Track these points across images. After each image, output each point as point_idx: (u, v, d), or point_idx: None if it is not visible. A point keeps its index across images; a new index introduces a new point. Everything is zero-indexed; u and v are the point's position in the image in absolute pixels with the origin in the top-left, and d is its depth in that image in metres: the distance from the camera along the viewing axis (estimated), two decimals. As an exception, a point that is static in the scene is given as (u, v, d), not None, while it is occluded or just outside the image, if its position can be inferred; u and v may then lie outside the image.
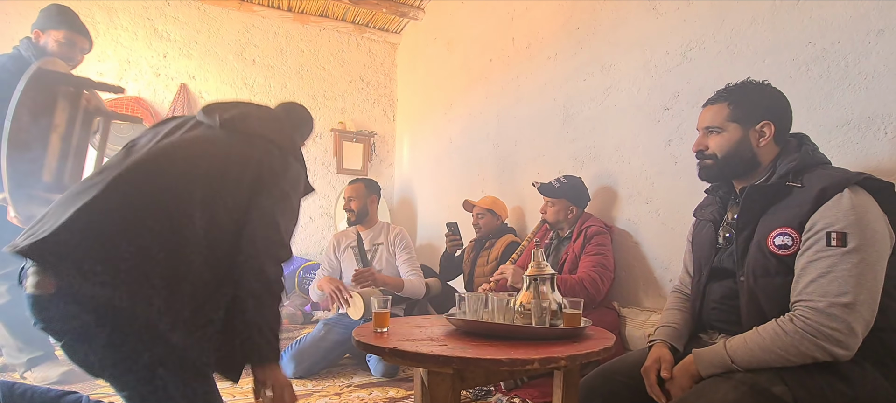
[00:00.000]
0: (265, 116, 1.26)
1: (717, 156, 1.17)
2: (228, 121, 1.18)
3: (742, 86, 1.18)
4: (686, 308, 1.29)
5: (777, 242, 1.02)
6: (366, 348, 1.17)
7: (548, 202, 2.21)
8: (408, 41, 4.56)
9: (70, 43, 2.19)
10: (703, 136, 1.21)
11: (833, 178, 0.99)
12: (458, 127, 3.60)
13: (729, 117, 1.16)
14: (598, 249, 2.02)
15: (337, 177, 4.40)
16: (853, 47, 1.42)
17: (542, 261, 1.30)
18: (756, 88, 1.17)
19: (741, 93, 1.17)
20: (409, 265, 2.65)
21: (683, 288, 1.34)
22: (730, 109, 1.16)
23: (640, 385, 1.17)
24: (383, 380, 2.22)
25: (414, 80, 4.38)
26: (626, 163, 2.20)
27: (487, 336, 1.20)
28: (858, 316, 0.91)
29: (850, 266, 0.92)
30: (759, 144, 1.14)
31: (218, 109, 1.21)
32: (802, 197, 1.01)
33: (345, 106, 4.48)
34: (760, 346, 0.97)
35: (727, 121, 1.16)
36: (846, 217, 0.94)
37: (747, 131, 1.14)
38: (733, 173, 1.18)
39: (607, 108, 2.30)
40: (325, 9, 4.25)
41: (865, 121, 1.39)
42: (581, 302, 1.24)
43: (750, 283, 1.06)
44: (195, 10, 3.97)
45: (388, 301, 1.33)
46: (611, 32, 2.29)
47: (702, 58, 1.87)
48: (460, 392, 1.09)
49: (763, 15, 1.66)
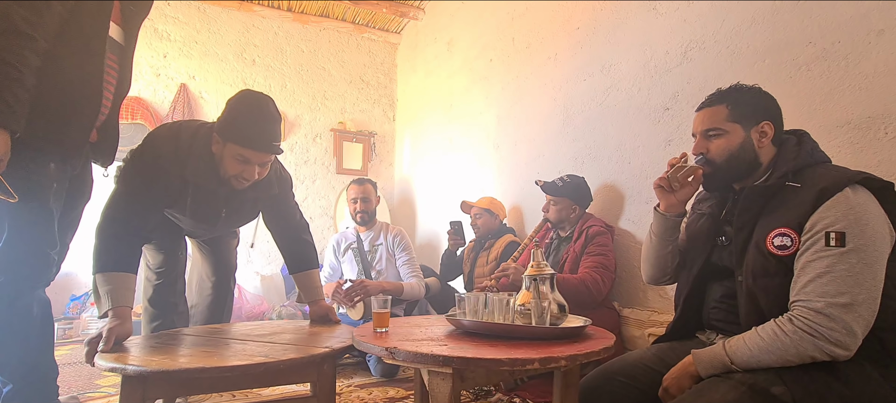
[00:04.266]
0: None
1: (719, 162, 1.15)
2: None
3: (735, 88, 1.17)
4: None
5: (776, 243, 1.01)
6: (366, 348, 1.17)
7: (550, 200, 2.21)
8: (408, 41, 4.56)
9: None
10: (702, 140, 1.18)
11: (833, 178, 0.99)
12: (458, 127, 3.60)
13: (729, 118, 1.14)
14: (600, 249, 2.02)
15: (337, 177, 4.40)
16: (853, 47, 1.42)
17: (542, 261, 1.30)
18: (749, 89, 1.16)
19: (736, 93, 1.16)
20: (409, 266, 2.65)
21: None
22: (729, 110, 1.14)
23: (640, 386, 1.17)
24: (383, 380, 2.22)
25: (414, 80, 4.39)
26: (627, 163, 2.20)
27: (487, 336, 1.20)
28: (857, 317, 0.91)
29: (849, 266, 0.92)
30: (761, 145, 1.13)
31: None
32: (802, 197, 1.01)
33: (345, 106, 4.48)
34: (759, 347, 0.96)
35: (728, 122, 1.14)
36: (846, 217, 0.94)
37: (749, 132, 1.13)
38: (735, 177, 1.16)
39: (607, 108, 2.30)
40: (325, 9, 4.25)
41: (866, 121, 1.39)
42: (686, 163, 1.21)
43: (748, 283, 1.06)
44: (195, 10, 3.97)
45: (388, 301, 1.33)
46: (611, 32, 2.29)
47: (702, 58, 1.87)
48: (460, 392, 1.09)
49: (763, 15, 1.66)
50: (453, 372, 1.03)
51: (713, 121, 1.16)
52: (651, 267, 1.34)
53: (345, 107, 4.48)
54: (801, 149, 1.09)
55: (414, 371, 1.48)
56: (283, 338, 1.39)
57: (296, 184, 4.20)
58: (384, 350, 1.09)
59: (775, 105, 1.15)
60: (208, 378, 1.12)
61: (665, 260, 1.31)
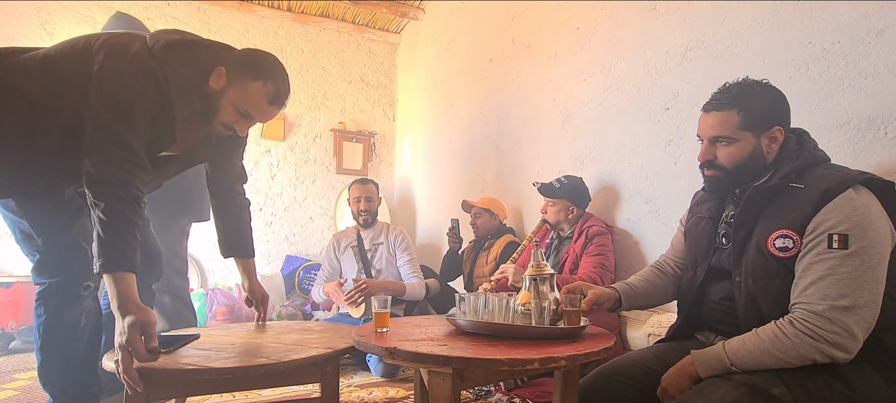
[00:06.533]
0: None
1: (727, 168, 1.11)
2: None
3: (747, 90, 1.10)
4: (653, 282, 1.33)
5: (777, 244, 1.01)
6: (366, 348, 1.17)
7: (548, 202, 2.21)
8: (408, 41, 4.56)
9: None
10: (710, 146, 1.13)
11: (835, 179, 0.98)
12: (458, 127, 3.60)
13: (740, 126, 1.08)
14: (600, 250, 2.02)
15: (337, 177, 4.39)
16: (853, 47, 1.42)
17: (542, 261, 1.30)
18: (761, 90, 1.10)
19: (749, 97, 1.09)
20: (409, 266, 2.65)
21: (663, 264, 1.37)
22: (741, 117, 1.08)
23: (640, 386, 1.17)
24: (383, 380, 2.22)
25: (414, 80, 4.38)
26: (627, 163, 2.20)
27: (487, 336, 1.20)
28: (858, 320, 0.90)
29: (851, 268, 0.91)
30: (770, 151, 1.09)
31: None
32: (804, 198, 1.00)
33: (345, 106, 4.48)
34: (759, 348, 0.96)
35: (739, 131, 1.08)
36: (849, 219, 0.93)
37: (759, 139, 1.09)
38: (741, 182, 1.12)
39: (607, 108, 2.30)
40: (325, 9, 4.25)
41: (866, 121, 1.39)
42: (580, 298, 1.23)
43: (748, 284, 1.06)
44: (195, 10, 3.97)
45: (388, 301, 1.33)
46: (611, 32, 2.29)
47: (702, 58, 1.87)
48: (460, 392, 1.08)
49: (763, 15, 1.66)
50: (453, 372, 1.03)
51: (723, 128, 1.10)
52: (660, 302, 1.36)
53: (345, 107, 4.48)
54: (802, 149, 1.07)
55: (414, 371, 1.48)
56: (289, 339, 1.38)
57: (296, 184, 4.24)
58: (384, 351, 1.09)
59: (786, 105, 1.11)
60: (210, 379, 1.12)
61: (661, 295, 1.34)
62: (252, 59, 1.34)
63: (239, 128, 1.35)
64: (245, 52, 1.36)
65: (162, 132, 1.24)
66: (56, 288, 1.37)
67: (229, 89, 1.29)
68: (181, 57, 1.25)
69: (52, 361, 1.35)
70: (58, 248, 1.36)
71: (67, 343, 1.36)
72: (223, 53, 1.33)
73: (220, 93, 1.29)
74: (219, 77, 1.28)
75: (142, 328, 1.01)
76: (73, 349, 1.37)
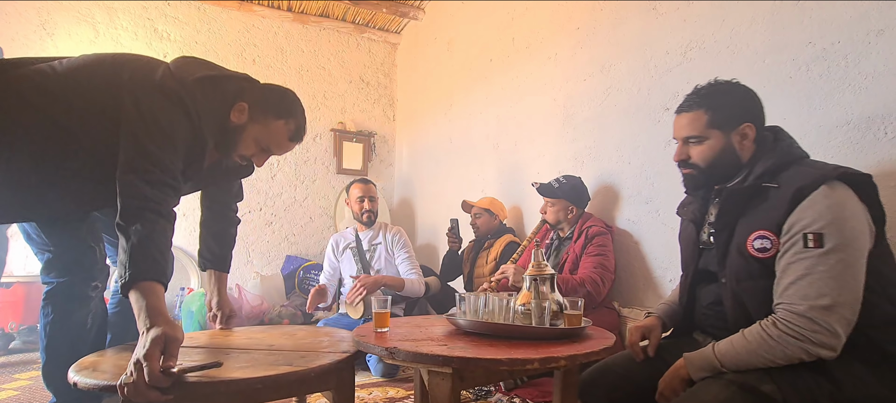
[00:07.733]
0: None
1: (700, 166, 1.14)
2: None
3: (714, 89, 1.14)
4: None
5: (756, 245, 1.02)
6: (366, 348, 1.17)
7: (547, 202, 2.21)
8: (408, 41, 4.56)
9: None
10: (683, 146, 1.17)
11: (809, 176, 0.98)
12: (458, 127, 3.60)
13: (708, 124, 1.12)
14: (599, 250, 2.02)
15: (337, 177, 4.39)
16: (853, 47, 1.42)
17: (542, 261, 1.30)
18: (729, 89, 1.14)
19: (716, 97, 1.13)
20: (408, 264, 2.65)
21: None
22: (708, 116, 1.12)
23: (636, 377, 1.19)
24: (383, 380, 2.22)
25: (414, 80, 4.38)
26: (626, 163, 2.20)
27: (487, 336, 1.20)
28: (839, 317, 0.91)
29: (829, 267, 0.92)
30: (743, 147, 1.12)
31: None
32: (779, 198, 1.00)
33: (345, 106, 4.48)
34: (747, 350, 0.98)
35: (707, 129, 1.13)
36: (823, 216, 0.94)
37: (729, 136, 1.11)
38: (718, 180, 1.15)
39: (607, 108, 2.30)
40: (325, 9, 4.25)
41: (866, 121, 1.39)
42: (581, 301, 1.24)
43: (733, 286, 1.07)
44: (195, 10, 3.97)
45: (388, 301, 1.33)
46: (611, 32, 2.29)
47: (702, 58, 1.87)
48: (460, 392, 1.09)
49: (763, 15, 1.66)
50: (453, 372, 1.03)
51: (693, 128, 1.14)
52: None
53: (345, 107, 4.48)
54: (776, 147, 1.08)
55: (414, 371, 1.48)
56: (301, 343, 1.32)
57: (296, 183, 4.23)
58: (384, 351, 1.09)
59: (756, 103, 1.13)
60: (239, 391, 0.99)
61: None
62: (275, 97, 1.37)
63: (257, 161, 1.38)
64: (266, 88, 1.39)
65: (192, 161, 1.26)
66: (64, 287, 1.37)
67: (251, 125, 1.31)
68: (208, 92, 1.26)
69: (57, 361, 1.34)
70: (67, 248, 1.36)
71: (73, 343, 1.36)
72: (245, 86, 1.35)
73: (242, 127, 1.31)
74: (241, 112, 1.30)
75: (166, 343, 0.92)
76: (78, 349, 1.36)
